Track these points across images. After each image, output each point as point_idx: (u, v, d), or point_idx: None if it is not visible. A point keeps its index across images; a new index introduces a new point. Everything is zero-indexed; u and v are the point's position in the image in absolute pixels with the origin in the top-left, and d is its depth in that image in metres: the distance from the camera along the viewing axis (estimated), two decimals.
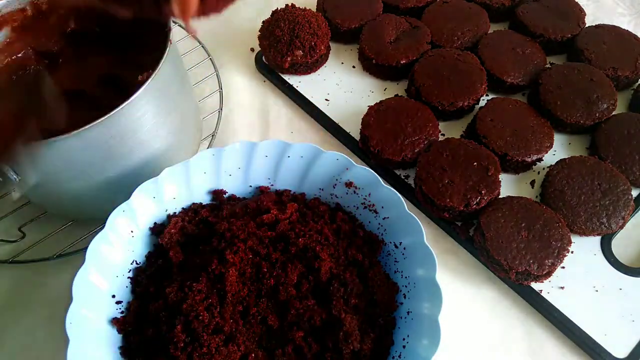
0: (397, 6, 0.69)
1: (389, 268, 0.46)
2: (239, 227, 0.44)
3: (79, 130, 0.37)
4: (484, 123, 0.56)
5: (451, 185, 0.51)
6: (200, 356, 0.38)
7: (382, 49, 0.63)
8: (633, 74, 0.62)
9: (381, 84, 0.65)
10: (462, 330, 0.48)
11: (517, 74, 0.62)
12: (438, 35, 0.65)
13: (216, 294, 0.41)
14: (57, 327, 0.33)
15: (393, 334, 0.43)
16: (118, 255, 0.44)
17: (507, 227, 0.48)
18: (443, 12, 0.68)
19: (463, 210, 0.50)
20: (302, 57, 0.63)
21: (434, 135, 0.56)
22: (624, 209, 0.50)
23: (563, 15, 0.67)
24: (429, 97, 0.59)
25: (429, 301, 0.41)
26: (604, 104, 0.58)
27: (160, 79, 0.42)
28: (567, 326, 0.47)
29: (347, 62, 0.67)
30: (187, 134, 0.54)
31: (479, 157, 0.52)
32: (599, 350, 0.45)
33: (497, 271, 0.49)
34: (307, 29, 0.62)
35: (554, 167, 0.54)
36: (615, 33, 0.65)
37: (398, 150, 0.54)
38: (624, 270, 0.50)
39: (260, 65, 0.67)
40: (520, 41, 0.64)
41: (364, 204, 0.48)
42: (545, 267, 0.46)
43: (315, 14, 0.64)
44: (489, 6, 0.69)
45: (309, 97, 0.63)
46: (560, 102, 0.58)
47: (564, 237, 0.48)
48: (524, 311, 0.49)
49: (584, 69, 0.60)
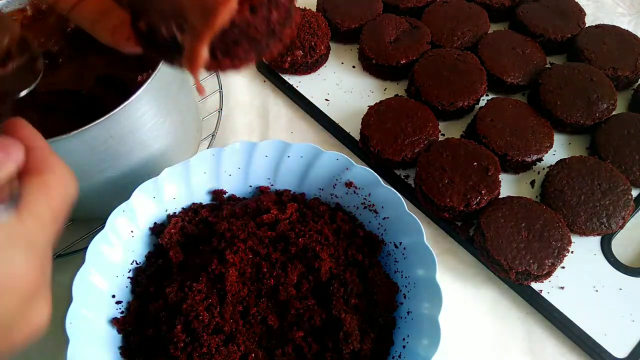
0: (397, 6, 0.69)
1: (389, 268, 0.46)
2: (239, 227, 0.44)
3: (79, 131, 0.37)
4: (484, 123, 0.56)
5: (451, 185, 0.51)
6: (200, 356, 0.38)
7: (382, 49, 0.63)
8: (633, 74, 0.62)
9: (381, 84, 0.65)
10: (462, 330, 0.48)
11: (517, 74, 0.62)
12: (438, 35, 0.65)
13: (216, 294, 0.41)
14: (57, 327, 0.33)
15: (393, 334, 0.43)
16: (118, 255, 0.44)
17: (507, 227, 0.48)
18: (443, 12, 0.68)
19: (463, 210, 0.50)
20: (302, 57, 0.63)
21: (434, 135, 0.56)
22: (624, 209, 0.50)
23: (563, 15, 0.67)
24: (429, 97, 0.59)
25: (429, 301, 0.41)
26: (604, 104, 0.58)
27: (160, 79, 0.42)
28: (567, 326, 0.47)
29: (347, 62, 0.67)
30: (187, 134, 0.54)
31: (479, 157, 0.52)
32: (599, 350, 0.45)
33: (497, 271, 0.49)
34: (307, 29, 0.62)
35: (554, 167, 0.54)
36: (615, 33, 0.65)
37: (398, 150, 0.54)
38: (624, 270, 0.50)
39: (260, 65, 0.67)
40: (520, 41, 0.64)
41: (364, 204, 0.48)
42: (545, 267, 0.46)
43: (315, 14, 0.64)
44: (489, 6, 0.69)
45: (309, 97, 0.63)
46: (560, 102, 0.58)
47: (564, 237, 0.48)
48: (524, 311, 0.49)
49: (584, 69, 0.60)
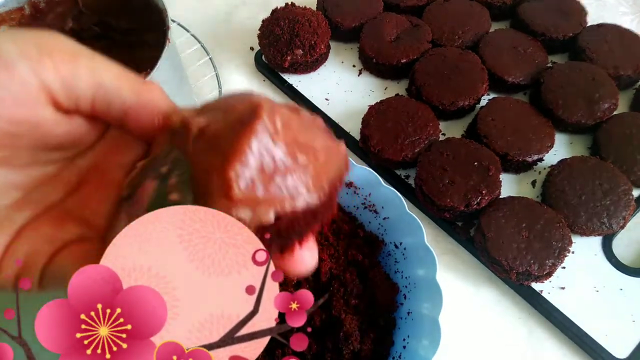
0: (397, 5, 0.68)
1: (389, 268, 0.46)
2: None
3: None
4: (485, 123, 0.56)
5: (452, 185, 0.51)
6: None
7: (382, 48, 0.63)
8: (635, 73, 0.61)
9: (382, 83, 0.65)
10: (462, 331, 0.48)
11: (519, 73, 0.61)
12: (439, 34, 0.65)
13: None
14: None
15: (393, 335, 0.43)
16: None
17: (507, 227, 0.48)
18: (444, 11, 0.67)
19: (464, 211, 0.50)
20: (302, 56, 0.62)
21: (434, 135, 0.56)
22: (625, 209, 0.50)
23: (565, 14, 0.67)
24: (429, 97, 0.58)
25: (429, 301, 0.41)
26: (605, 104, 0.57)
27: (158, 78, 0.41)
28: (567, 326, 0.47)
29: (347, 61, 0.67)
30: None
31: (480, 157, 0.52)
32: (600, 351, 0.45)
33: (498, 271, 0.48)
34: (307, 27, 0.62)
35: (555, 167, 0.54)
36: (617, 32, 0.65)
37: (398, 150, 0.54)
38: (625, 271, 0.50)
39: (260, 64, 0.67)
40: (521, 40, 0.64)
41: (364, 204, 0.48)
42: (546, 267, 0.46)
43: (315, 13, 0.64)
44: (491, 5, 0.69)
45: (309, 97, 0.63)
46: (561, 102, 0.57)
47: (564, 237, 0.48)
48: (524, 311, 0.49)
49: (586, 68, 0.60)
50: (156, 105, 0.23)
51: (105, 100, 0.22)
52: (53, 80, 0.20)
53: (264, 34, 0.64)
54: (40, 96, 0.20)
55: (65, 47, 0.21)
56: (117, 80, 0.22)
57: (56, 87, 0.20)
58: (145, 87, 0.23)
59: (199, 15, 0.74)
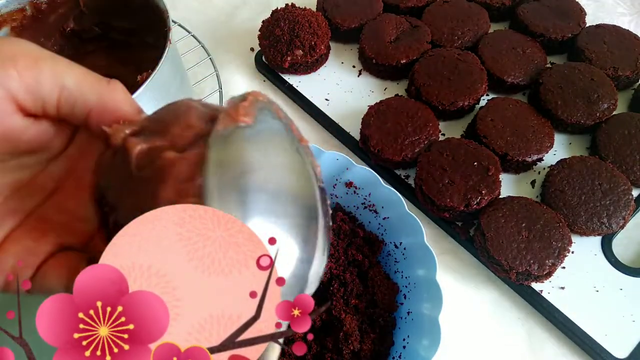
0: (397, 6, 0.69)
1: (389, 268, 0.46)
2: None
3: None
4: (484, 123, 0.56)
5: (451, 185, 0.51)
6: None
7: (382, 49, 0.63)
8: (634, 74, 0.61)
9: (381, 83, 0.65)
10: (462, 331, 0.48)
11: (518, 73, 0.62)
12: (438, 35, 0.65)
13: None
14: None
15: (393, 335, 0.43)
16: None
17: (507, 227, 0.48)
18: (443, 12, 0.68)
19: (463, 210, 0.50)
20: (302, 57, 0.62)
21: (434, 135, 0.56)
22: (624, 209, 0.50)
23: (563, 14, 0.67)
24: (429, 97, 0.59)
25: (429, 301, 0.41)
26: (604, 104, 0.57)
27: (159, 78, 0.41)
28: (567, 326, 0.47)
29: (347, 62, 0.67)
30: None
31: (479, 157, 0.52)
32: (600, 351, 0.45)
33: (498, 271, 0.49)
34: (307, 28, 0.62)
35: (554, 167, 0.54)
36: (615, 33, 0.65)
37: (398, 150, 0.54)
38: (625, 271, 0.50)
39: (260, 64, 0.67)
40: (520, 41, 0.64)
41: (364, 204, 0.48)
42: (546, 267, 0.46)
43: (315, 14, 0.64)
44: (490, 6, 0.69)
45: (309, 97, 0.63)
46: (560, 102, 0.58)
47: (564, 237, 0.48)
48: (524, 311, 0.49)
49: (585, 69, 0.60)
50: (118, 106, 0.23)
51: (69, 102, 0.22)
52: (18, 88, 0.20)
53: (264, 34, 0.64)
54: (8, 106, 0.21)
55: (28, 52, 0.21)
56: (79, 82, 0.22)
57: (22, 94, 0.21)
58: (107, 88, 0.23)
59: (200, 16, 0.74)
